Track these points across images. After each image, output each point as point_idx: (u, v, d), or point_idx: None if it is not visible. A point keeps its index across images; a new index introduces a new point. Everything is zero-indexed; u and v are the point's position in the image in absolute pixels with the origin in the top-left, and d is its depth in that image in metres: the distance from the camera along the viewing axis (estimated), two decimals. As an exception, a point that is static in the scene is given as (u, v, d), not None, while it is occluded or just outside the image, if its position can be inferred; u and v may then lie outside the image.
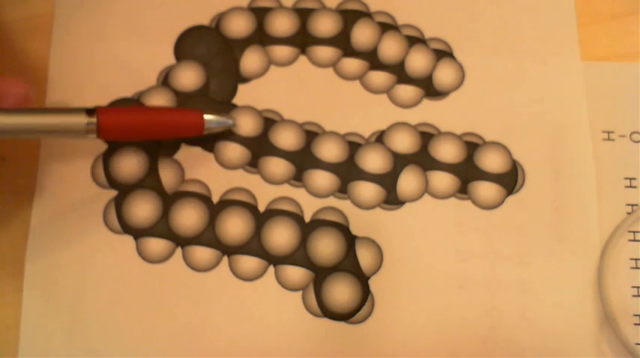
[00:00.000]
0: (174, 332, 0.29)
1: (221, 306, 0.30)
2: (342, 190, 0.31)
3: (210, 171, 0.31)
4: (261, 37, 0.33)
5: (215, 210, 0.31)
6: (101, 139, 0.28)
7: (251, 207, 0.31)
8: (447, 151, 0.32)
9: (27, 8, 0.33)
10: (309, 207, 0.31)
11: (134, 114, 0.29)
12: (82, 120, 0.27)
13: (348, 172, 0.32)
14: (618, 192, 0.31)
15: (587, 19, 0.34)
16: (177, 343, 0.29)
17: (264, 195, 0.31)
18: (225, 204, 0.31)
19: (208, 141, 0.32)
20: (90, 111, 0.27)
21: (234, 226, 0.31)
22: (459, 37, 0.33)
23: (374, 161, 0.32)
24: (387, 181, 0.31)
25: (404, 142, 0.32)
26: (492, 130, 0.32)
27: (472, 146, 0.32)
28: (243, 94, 0.33)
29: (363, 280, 0.30)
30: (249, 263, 0.30)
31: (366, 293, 0.30)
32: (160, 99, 0.32)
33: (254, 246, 0.30)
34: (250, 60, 0.33)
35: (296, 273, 0.30)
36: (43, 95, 0.32)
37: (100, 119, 0.27)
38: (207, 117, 0.30)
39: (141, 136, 0.30)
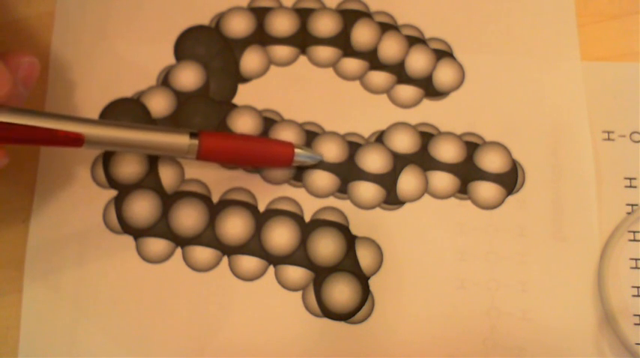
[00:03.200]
0: (174, 332, 0.29)
1: (221, 306, 0.30)
2: (342, 190, 0.31)
3: (210, 171, 0.31)
4: (261, 37, 0.33)
5: (215, 210, 0.31)
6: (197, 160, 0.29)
7: (251, 207, 0.31)
8: (447, 151, 0.32)
9: (28, 8, 0.34)
10: (309, 207, 0.31)
11: (233, 142, 0.29)
12: (184, 141, 0.28)
13: (348, 172, 0.32)
14: (618, 192, 0.31)
15: (587, 19, 0.34)
16: (177, 343, 0.29)
17: (264, 194, 0.31)
18: (225, 204, 0.31)
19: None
20: (193, 134, 0.28)
21: (234, 226, 0.31)
22: (459, 37, 0.33)
23: (374, 161, 0.32)
24: (387, 181, 0.31)
25: (404, 142, 0.32)
26: (492, 130, 0.32)
27: (472, 146, 0.32)
28: (243, 94, 0.33)
29: (363, 280, 0.30)
30: (249, 263, 0.30)
31: (366, 293, 0.30)
32: (160, 99, 0.32)
33: (254, 246, 0.30)
34: (250, 60, 0.33)
35: (296, 273, 0.30)
36: (43, 95, 0.32)
37: (202, 143, 0.28)
38: (297, 151, 0.30)
39: (234, 161, 0.31)
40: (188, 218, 0.31)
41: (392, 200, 0.31)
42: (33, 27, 0.33)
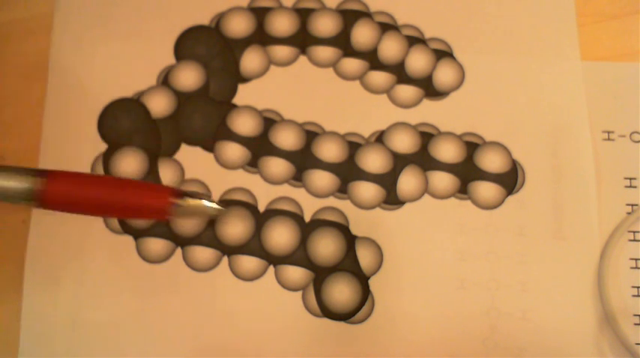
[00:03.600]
0: (174, 332, 0.29)
1: (221, 306, 0.30)
2: (342, 190, 0.31)
3: (210, 171, 0.31)
4: (261, 37, 0.33)
5: (215, 210, 0.31)
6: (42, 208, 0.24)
7: (251, 207, 0.31)
8: (447, 151, 0.32)
9: (27, 8, 0.33)
10: (309, 207, 0.31)
11: (90, 188, 0.24)
12: (23, 185, 0.23)
13: (348, 172, 0.32)
14: (618, 192, 0.31)
15: (587, 19, 0.34)
16: (177, 343, 0.29)
17: (264, 195, 0.31)
18: (225, 204, 0.31)
19: (208, 141, 0.32)
20: (40, 173, 0.23)
21: (234, 226, 0.31)
22: (459, 37, 0.33)
23: (374, 161, 0.32)
24: (387, 181, 0.31)
25: (404, 142, 0.32)
26: (492, 130, 0.32)
27: (472, 146, 0.32)
28: (243, 94, 0.33)
29: (363, 280, 0.30)
30: (249, 263, 0.30)
31: (366, 293, 0.30)
32: (160, 99, 0.32)
33: (254, 246, 0.30)
34: (250, 60, 0.33)
35: (296, 273, 0.30)
36: (43, 95, 0.32)
37: (48, 188, 0.23)
38: (179, 202, 0.24)
39: (91, 212, 0.25)
40: (188, 218, 0.31)
41: (392, 200, 0.31)
42: (32, 27, 0.33)
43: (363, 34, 0.33)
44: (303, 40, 0.33)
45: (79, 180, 0.24)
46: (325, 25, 0.34)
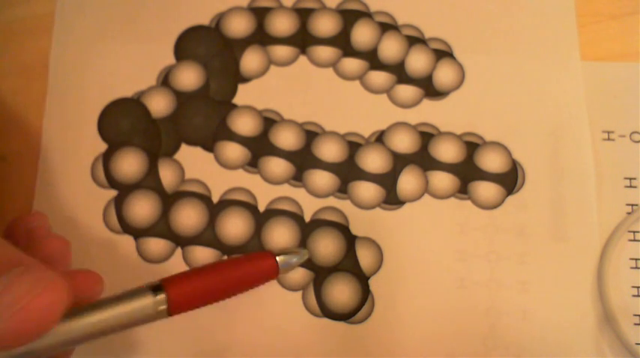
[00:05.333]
0: (173, 332, 0.29)
1: (221, 306, 0.30)
2: (342, 190, 0.31)
3: (210, 171, 0.31)
4: (261, 37, 0.33)
5: (215, 210, 0.31)
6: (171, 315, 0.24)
7: (251, 207, 0.31)
8: (447, 151, 0.32)
9: (27, 8, 0.34)
10: (309, 207, 0.31)
11: (204, 279, 0.24)
12: (148, 302, 0.23)
13: (348, 172, 0.32)
14: (618, 192, 0.31)
15: (587, 19, 0.34)
16: (177, 343, 0.29)
17: (264, 195, 0.31)
18: (225, 204, 0.31)
19: (208, 141, 0.32)
20: (155, 288, 0.23)
21: (234, 226, 0.31)
22: (459, 37, 0.33)
23: (374, 161, 0.32)
24: (387, 181, 0.31)
25: (404, 142, 0.32)
26: (492, 130, 0.32)
27: (472, 146, 0.32)
28: (243, 94, 0.33)
29: (363, 280, 0.30)
30: (249, 263, 0.30)
31: (366, 293, 0.30)
32: (160, 99, 0.32)
33: (254, 246, 0.30)
34: (250, 60, 0.33)
35: (296, 273, 0.30)
36: (44, 95, 0.32)
37: (169, 295, 0.23)
38: (280, 258, 0.25)
39: (214, 300, 0.25)
40: (188, 218, 0.31)
41: (392, 200, 0.31)
42: (33, 27, 0.33)
43: (363, 34, 0.33)
44: (303, 40, 0.33)
45: (193, 280, 0.24)
46: (325, 25, 0.34)
